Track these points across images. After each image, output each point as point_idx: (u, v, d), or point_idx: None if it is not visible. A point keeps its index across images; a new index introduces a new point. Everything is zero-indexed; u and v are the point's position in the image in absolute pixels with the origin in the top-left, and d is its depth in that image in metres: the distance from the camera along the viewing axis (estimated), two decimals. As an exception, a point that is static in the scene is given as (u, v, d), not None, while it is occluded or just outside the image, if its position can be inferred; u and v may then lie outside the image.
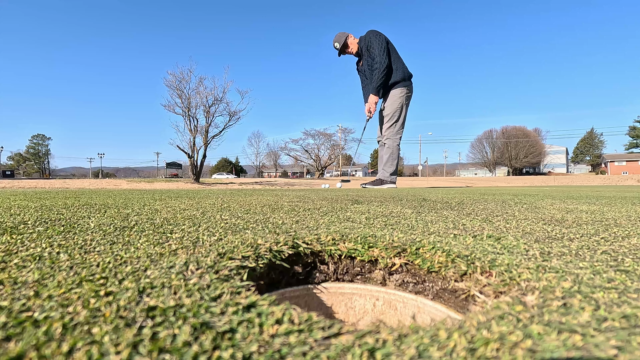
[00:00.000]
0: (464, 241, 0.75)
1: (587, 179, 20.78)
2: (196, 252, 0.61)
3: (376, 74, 4.27)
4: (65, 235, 0.75)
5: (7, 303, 0.37)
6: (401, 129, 4.48)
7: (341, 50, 4.58)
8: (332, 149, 38.86)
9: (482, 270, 0.56)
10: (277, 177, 51.86)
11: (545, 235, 0.84)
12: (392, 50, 4.37)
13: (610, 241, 0.78)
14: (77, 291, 0.41)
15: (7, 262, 0.54)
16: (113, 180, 15.54)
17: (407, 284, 0.65)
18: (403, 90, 4.37)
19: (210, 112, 13.54)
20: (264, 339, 0.31)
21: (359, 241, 0.72)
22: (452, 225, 0.99)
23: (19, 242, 0.68)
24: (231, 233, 0.79)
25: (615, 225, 1.01)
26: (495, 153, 59.72)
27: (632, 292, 0.45)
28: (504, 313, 0.38)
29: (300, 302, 0.64)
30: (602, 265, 0.57)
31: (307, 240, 0.72)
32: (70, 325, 0.32)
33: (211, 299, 0.39)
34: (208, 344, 0.30)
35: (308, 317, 0.35)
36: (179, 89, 13.10)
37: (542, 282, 0.48)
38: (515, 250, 0.68)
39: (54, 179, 15.94)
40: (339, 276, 0.69)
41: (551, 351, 0.30)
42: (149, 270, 0.50)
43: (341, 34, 4.54)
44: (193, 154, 13.48)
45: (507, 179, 24.94)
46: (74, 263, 0.53)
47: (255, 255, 0.59)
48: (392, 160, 4.46)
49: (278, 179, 21.27)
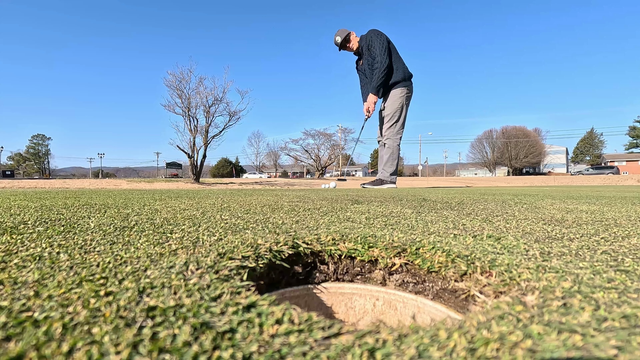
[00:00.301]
0: (464, 241, 0.75)
1: (587, 179, 20.78)
2: (196, 252, 0.61)
3: (376, 74, 4.26)
4: (65, 235, 0.75)
5: (7, 303, 0.37)
6: (401, 129, 4.48)
7: (342, 45, 4.57)
8: (332, 149, 38.85)
9: (482, 270, 0.56)
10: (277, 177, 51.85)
11: (545, 235, 0.84)
12: (393, 50, 4.37)
13: (610, 241, 0.78)
14: (77, 291, 0.41)
15: (7, 262, 0.54)
16: (113, 180, 15.54)
17: (407, 284, 0.65)
18: (403, 90, 4.37)
19: (210, 112, 13.54)
20: (264, 339, 0.31)
21: (359, 241, 0.72)
22: (452, 225, 0.99)
23: (19, 242, 0.68)
24: (231, 233, 0.79)
25: (615, 225, 1.01)
26: (495, 153, 59.69)
27: (632, 292, 0.45)
28: (504, 313, 0.38)
29: (300, 302, 0.64)
30: (602, 265, 0.57)
31: (307, 240, 0.72)
32: (70, 325, 0.32)
33: (211, 299, 0.39)
34: (208, 344, 0.30)
35: (308, 317, 0.35)
36: (179, 89, 13.10)
37: (542, 282, 0.48)
38: (515, 250, 0.68)
39: (54, 179, 15.94)
40: (339, 276, 0.69)
41: (551, 351, 0.30)
42: (149, 270, 0.50)
43: (343, 29, 4.53)
44: (193, 154, 13.47)
45: (507, 179, 24.95)
46: (74, 263, 0.53)
47: (255, 255, 0.59)
48: (392, 160, 4.46)
49: (278, 179, 21.26)
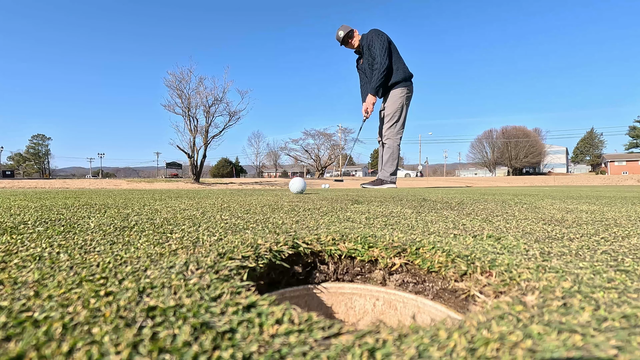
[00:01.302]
0: (464, 241, 0.75)
1: (587, 179, 20.78)
2: (196, 252, 0.61)
3: (376, 75, 4.26)
4: (65, 235, 0.75)
5: (7, 303, 0.37)
6: (401, 129, 4.48)
7: (344, 40, 4.55)
8: (332, 149, 38.84)
9: (482, 270, 0.56)
10: (277, 177, 51.81)
11: (545, 235, 0.84)
12: (394, 50, 4.36)
13: (610, 241, 0.78)
14: (77, 291, 0.41)
15: (7, 262, 0.53)
16: (113, 180, 15.54)
17: (407, 284, 0.65)
18: (403, 91, 4.37)
19: (210, 112, 13.55)
20: (264, 339, 0.31)
21: (359, 241, 0.72)
22: (452, 225, 0.99)
23: (19, 242, 0.68)
24: (231, 233, 0.79)
25: (615, 225, 1.01)
26: (495, 153, 59.66)
27: (632, 292, 0.45)
28: (504, 313, 0.38)
29: (300, 302, 0.64)
30: (602, 265, 0.57)
31: (307, 240, 0.72)
32: (70, 325, 0.32)
33: (211, 299, 0.39)
34: (208, 344, 0.30)
35: (308, 317, 0.35)
36: (179, 89, 13.11)
37: (542, 282, 0.48)
38: (515, 250, 0.68)
39: (54, 179, 15.94)
40: (339, 276, 0.69)
41: (551, 351, 0.30)
42: (149, 270, 0.50)
43: (346, 26, 4.52)
44: (193, 154, 13.47)
45: (507, 179, 24.95)
46: (74, 263, 0.53)
47: (255, 255, 0.59)
48: (392, 160, 4.46)
49: (278, 179, 21.25)
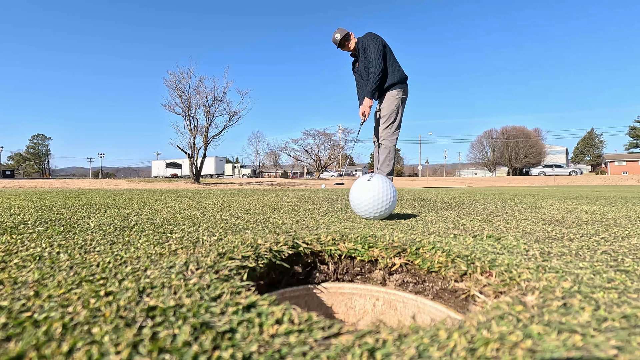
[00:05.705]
0: (464, 241, 0.75)
1: (587, 179, 20.78)
2: (196, 252, 0.61)
3: (371, 78, 4.34)
4: (65, 235, 0.75)
5: (7, 303, 0.37)
6: (397, 130, 4.51)
7: (341, 43, 4.61)
8: (332, 149, 38.83)
9: (482, 270, 0.56)
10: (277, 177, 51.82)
11: (545, 235, 0.84)
12: (389, 53, 4.42)
13: (610, 241, 0.78)
14: (77, 291, 0.41)
15: (7, 262, 0.53)
16: (113, 180, 15.54)
17: (407, 284, 0.65)
18: (399, 92, 4.42)
19: (210, 112, 13.54)
20: (264, 339, 0.31)
21: (359, 241, 0.72)
22: (452, 225, 0.99)
23: (19, 242, 0.68)
24: (231, 233, 0.79)
25: (615, 225, 1.01)
26: (495, 153, 59.64)
27: (632, 292, 0.45)
28: (504, 313, 0.38)
29: (300, 302, 0.64)
30: (602, 265, 0.57)
31: (307, 240, 0.72)
32: (70, 325, 0.32)
33: (211, 299, 0.39)
34: (208, 344, 0.30)
35: (308, 317, 0.35)
36: (179, 89, 13.10)
37: (542, 282, 0.48)
38: (515, 250, 0.68)
39: (54, 179, 15.94)
40: (339, 276, 0.69)
41: (551, 351, 0.30)
42: (149, 270, 0.50)
43: (342, 29, 4.58)
44: (193, 154, 13.47)
45: (507, 179, 24.95)
46: (74, 263, 0.53)
47: (255, 255, 0.59)
48: (388, 160, 4.48)
49: (278, 179, 21.25)
